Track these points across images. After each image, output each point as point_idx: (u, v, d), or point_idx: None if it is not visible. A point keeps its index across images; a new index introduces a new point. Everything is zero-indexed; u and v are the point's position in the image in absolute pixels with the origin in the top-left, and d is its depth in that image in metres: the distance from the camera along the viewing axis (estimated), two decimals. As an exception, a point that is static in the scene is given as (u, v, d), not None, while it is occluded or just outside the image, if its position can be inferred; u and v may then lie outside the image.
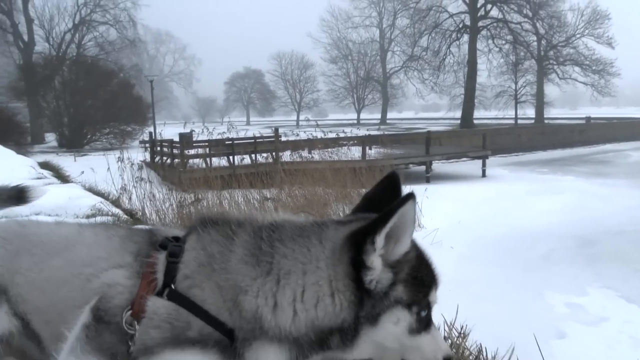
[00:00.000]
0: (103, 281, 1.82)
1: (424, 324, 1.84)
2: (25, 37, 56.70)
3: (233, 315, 1.73)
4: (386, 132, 39.44)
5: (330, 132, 29.70)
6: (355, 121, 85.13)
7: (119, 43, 58.74)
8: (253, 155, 24.25)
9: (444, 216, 15.37)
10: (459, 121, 63.94)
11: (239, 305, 1.73)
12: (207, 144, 25.74)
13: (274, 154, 24.07)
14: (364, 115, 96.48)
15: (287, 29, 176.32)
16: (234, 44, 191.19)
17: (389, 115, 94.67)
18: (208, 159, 24.49)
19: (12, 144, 28.35)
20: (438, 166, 29.31)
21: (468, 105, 61.64)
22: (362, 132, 34.01)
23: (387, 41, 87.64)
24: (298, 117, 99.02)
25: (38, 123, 50.68)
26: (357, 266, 1.74)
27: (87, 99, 45.60)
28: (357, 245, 1.75)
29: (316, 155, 24.46)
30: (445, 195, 18.48)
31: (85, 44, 58.72)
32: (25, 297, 1.93)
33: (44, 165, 16.82)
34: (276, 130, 26.97)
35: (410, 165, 27.73)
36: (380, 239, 1.72)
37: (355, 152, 25.04)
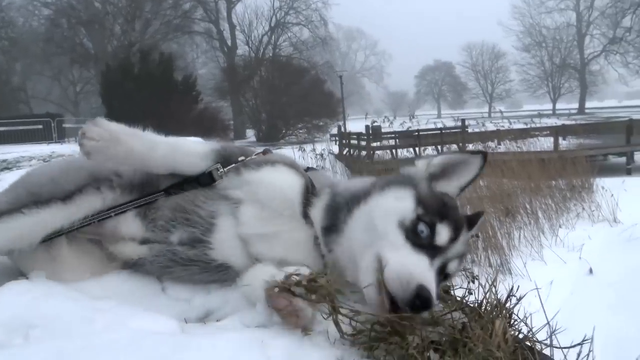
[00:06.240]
0: None
1: (418, 240, 1.82)
2: (229, 42, 61.75)
3: None
4: (581, 122, 37.02)
5: (520, 122, 28.63)
6: (550, 111, 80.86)
7: (311, 42, 61.34)
8: (439, 147, 24.25)
9: (646, 212, 14.18)
10: (669, 108, 57.81)
11: None
12: (394, 135, 26.28)
13: (460, 145, 23.87)
14: (560, 105, 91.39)
15: (476, 19, 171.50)
16: (424, 38, 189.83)
17: (588, 104, 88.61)
18: (394, 151, 24.96)
19: (217, 139, 30.94)
20: (642, 158, 26.92)
21: (680, 90, 55.31)
22: (554, 122, 32.24)
23: (584, 24, 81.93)
24: (490, 108, 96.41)
25: (240, 120, 54.82)
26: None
27: (282, 96, 48.19)
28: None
29: (504, 146, 23.79)
30: (648, 189, 17.02)
31: (280, 44, 62.11)
32: None
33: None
34: (463, 121, 26.72)
35: (609, 156, 25.83)
36: (435, 161, 2.06)
37: (546, 144, 23.95)
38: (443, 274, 1.89)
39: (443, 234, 1.86)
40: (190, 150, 2.21)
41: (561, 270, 9.63)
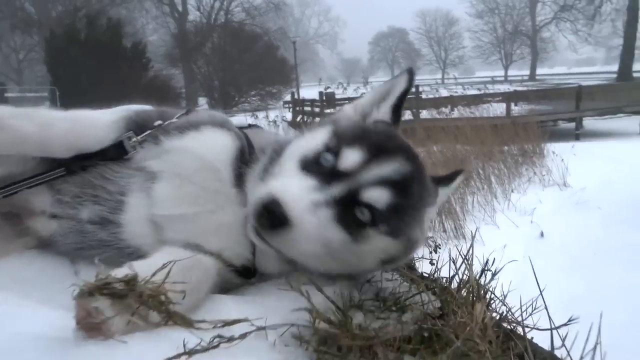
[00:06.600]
0: None
1: (319, 169, 1.58)
2: (180, 8, 60.30)
3: None
4: (533, 88, 37.59)
5: (473, 88, 28.90)
6: (503, 78, 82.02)
7: (264, 7, 60.59)
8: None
9: (593, 175, 14.36)
10: (616, 75, 59.09)
11: None
12: (348, 102, 26.17)
13: (414, 110, 23.85)
14: (512, 72, 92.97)
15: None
16: (378, 3, 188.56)
17: (539, 71, 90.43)
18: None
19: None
20: (590, 123, 27.44)
21: (627, 57, 56.79)
22: (507, 88, 32.68)
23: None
24: (443, 75, 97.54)
25: (192, 88, 53.88)
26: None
27: (235, 62, 47.50)
28: None
29: (457, 112, 23.92)
30: (595, 154, 17.27)
31: (233, 10, 61.14)
32: None
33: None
34: (416, 87, 26.73)
35: (559, 122, 26.29)
36: (363, 102, 1.95)
37: (498, 110, 24.18)
38: (361, 204, 1.54)
39: (349, 156, 1.58)
40: (93, 122, 1.87)
41: (513, 234, 9.77)
